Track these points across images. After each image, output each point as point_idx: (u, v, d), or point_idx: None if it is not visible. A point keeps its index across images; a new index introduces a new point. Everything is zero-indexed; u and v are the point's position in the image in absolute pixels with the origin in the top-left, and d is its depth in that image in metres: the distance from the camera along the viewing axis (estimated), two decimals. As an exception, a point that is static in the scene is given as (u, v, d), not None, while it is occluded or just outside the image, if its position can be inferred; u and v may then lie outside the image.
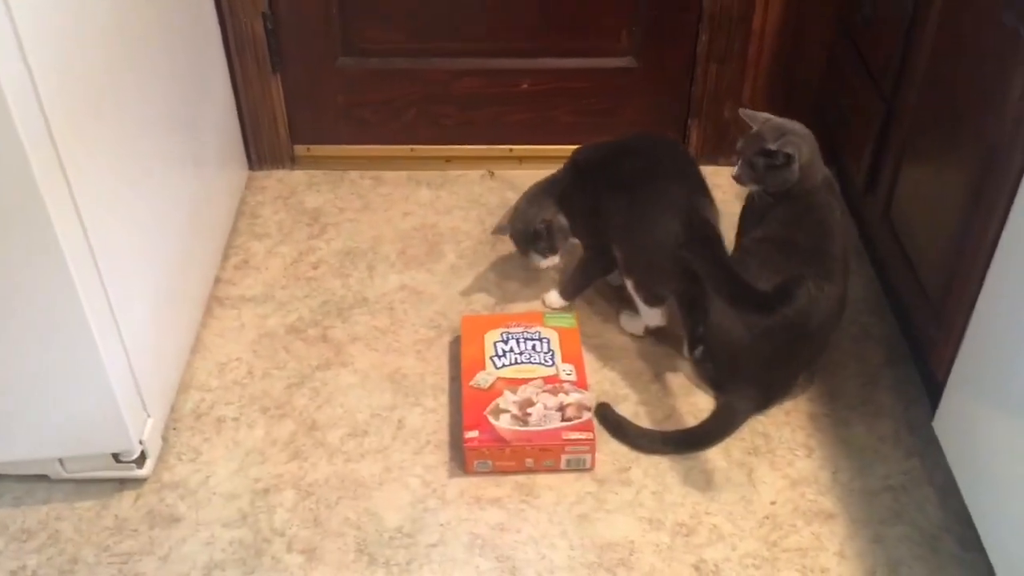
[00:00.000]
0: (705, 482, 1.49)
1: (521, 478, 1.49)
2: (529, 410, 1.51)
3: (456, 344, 1.71)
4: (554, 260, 1.74)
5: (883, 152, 1.70)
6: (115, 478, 1.48)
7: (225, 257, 1.90)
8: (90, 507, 1.46)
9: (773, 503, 1.46)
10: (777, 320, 1.47)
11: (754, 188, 1.58)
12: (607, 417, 1.57)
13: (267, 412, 1.61)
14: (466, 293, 1.83)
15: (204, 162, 1.82)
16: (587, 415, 1.51)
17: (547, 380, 1.56)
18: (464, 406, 1.53)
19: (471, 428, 1.49)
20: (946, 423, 1.40)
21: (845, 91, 1.89)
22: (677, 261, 1.56)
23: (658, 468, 1.52)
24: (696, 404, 1.62)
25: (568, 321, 1.68)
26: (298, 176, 2.12)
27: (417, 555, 1.39)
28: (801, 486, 1.49)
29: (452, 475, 1.50)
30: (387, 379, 1.66)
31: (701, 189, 1.64)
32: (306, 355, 1.71)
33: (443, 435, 1.56)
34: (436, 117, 2.10)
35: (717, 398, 1.61)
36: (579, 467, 1.50)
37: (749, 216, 1.66)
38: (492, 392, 1.54)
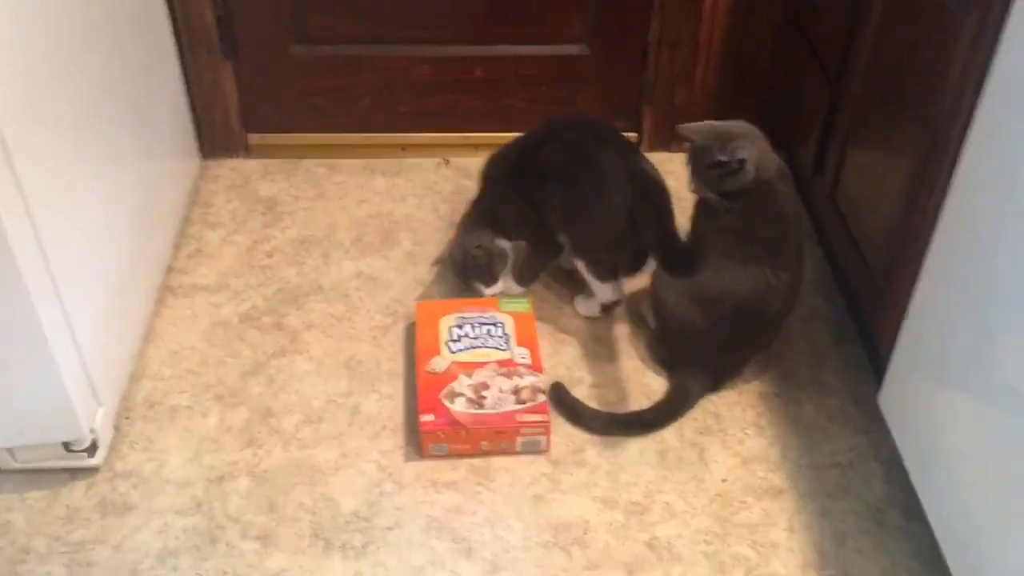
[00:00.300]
0: (658, 461, 1.52)
1: (476, 461, 1.50)
2: (484, 393, 1.52)
3: (412, 330, 1.71)
4: (497, 288, 1.73)
5: (829, 136, 1.73)
6: (66, 468, 1.46)
7: (178, 247, 1.89)
8: (41, 497, 1.44)
9: (724, 481, 1.49)
10: (725, 304, 1.51)
11: (711, 195, 1.57)
12: (561, 400, 1.59)
13: (221, 400, 1.60)
14: (422, 280, 1.83)
15: (155, 153, 1.81)
16: (542, 398, 1.53)
17: (502, 364, 1.57)
18: (419, 390, 1.54)
19: (426, 412, 1.50)
20: (890, 399, 1.43)
21: (793, 75, 1.92)
22: (622, 227, 1.58)
23: (612, 449, 1.53)
24: (649, 386, 1.64)
25: (523, 306, 1.69)
26: (252, 165, 2.11)
27: (373, 538, 1.40)
28: (751, 463, 1.51)
29: (408, 459, 1.51)
30: (342, 366, 1.67)
31: (630, 150, 1.66)
32: (260, 343, 1.70)
33: (399, 420, 1.57)
34: (391, 105, 2.09)
35: (670, 380, 1.63)
36: (534, 449, 1.51)
37: (707, 210, 1.65)
38: (447, 376, 1.55)
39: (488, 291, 1.73)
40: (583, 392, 1.62)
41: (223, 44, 1.97)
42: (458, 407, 1.50)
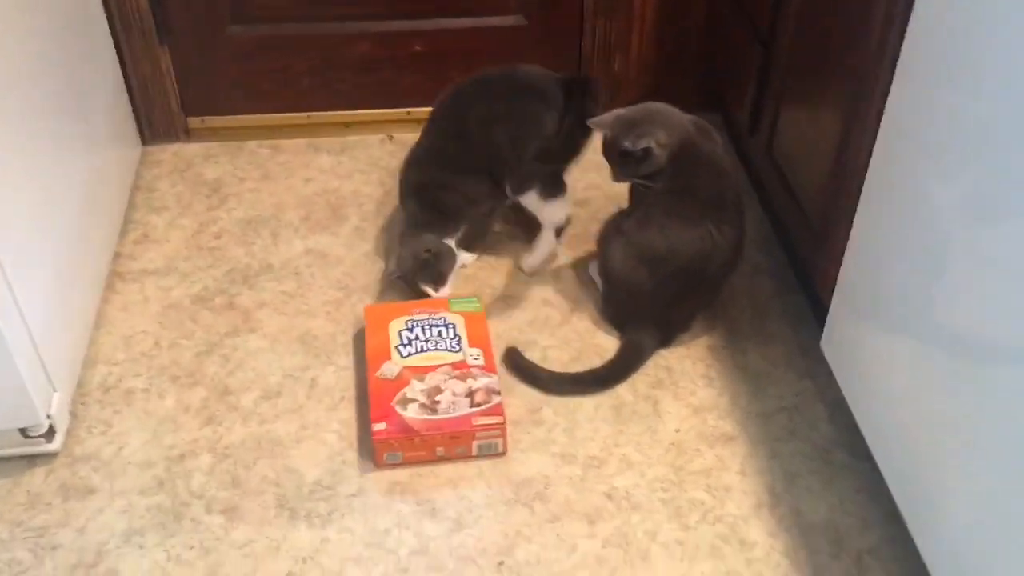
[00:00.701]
0: (613, 416, 1.56)
1: (436, 426, 1.53)
2: (437, 398, 1.48)
3: (365, 301, 1.73)
4: (446, 290, 1.71)
5: (763, 94, 1.78)
6: (24, 455, 1.46)
7: (123, 233, 1.88)
8: (0, 485, 1.44)
9: (678, 431, 1.53)
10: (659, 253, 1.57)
11: (635, 180, 1.61)
12: (517, 364, 1.62)
13: (177, 381, 1.60)
14: (372, 254, 1.85)
15: (95, 140, 1.79)
16: (496, 399, 1.49)
17: (455, 366, 1.53)
18: (371, 398, 1.49)
19: (379, 420, 1.45)
20: (832, 343, 1.49)
21: (726, 39, 1.97)
22: (556, 126, 1.66)
23: (568, 407, 1.57)
24: (601, 346, 1.68)
25: (473, 305, 1.65)
26: (194, 149, 2.10)
27: (338, 506, 1.42)
28: (703, 413, 1.56)
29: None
30: (297, 341, 1.68)
31: (548, 74, 1.73)
32: (213, 323, 1.71)
33: (356, 390, 1.58)
34: (331, 82, 2.10)
35: (621, 338, 1.67)
36: (491, 452, 1.48)
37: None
38: (399, 382, 1.50)
39: (437, 294, 1.70)
40: (536, 354, 1.65)
41: (158, 28, 1.95)
42: (411, 413, 1.46)
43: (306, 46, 2.05)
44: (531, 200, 1.73)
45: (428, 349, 1.56)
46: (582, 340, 1.69)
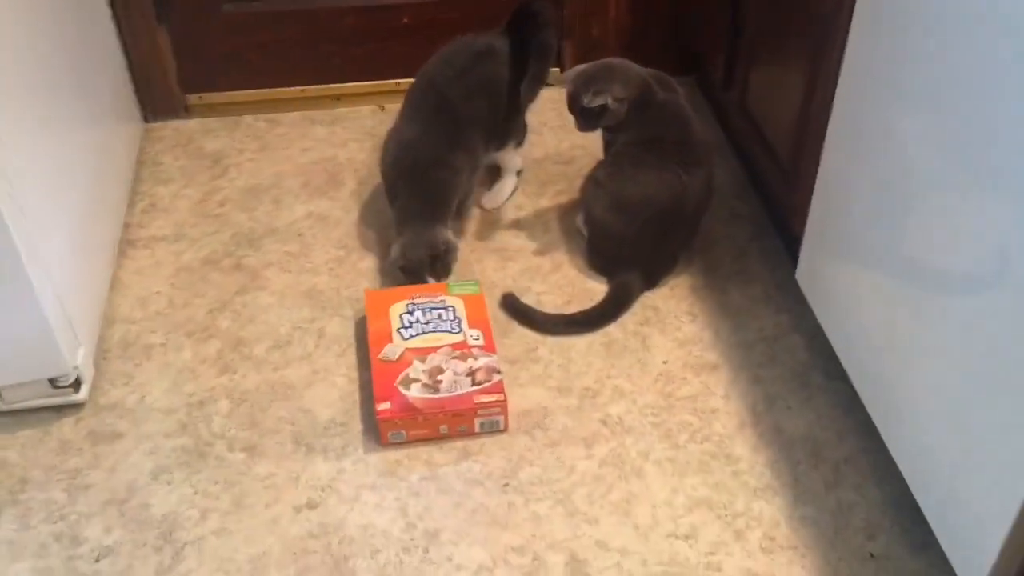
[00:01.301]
0: (605, 352, 1.66)
1: (439, 366, 1.63)
2: (439, 377, 1.52)
3: (366, 261, 1.82)
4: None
5: (735, 51, 1.89)
6: (53, 405, 1.55)
7: (131, 204, 1.97)
8: (32, 434, 1.53)
9: (665, 362, 1.64)
10: (653, 207, 1.66)
11: (600, 132, 1.73)
12: (514, 307, 1.72)
13: (192, 336, 1.70)
14: (370, 215, 1.94)
15: (100, 117, 1.88)
16: (497, 377, 1.52)
17: (455, 347, 1.56)
18: (374, 379, 1.53)
19: (382, 400, 1.49)
20: (806, 273, 1.60)
21: (699, 0, 2.07)
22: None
23: (562, 345, 1.67)
24: (591, 290, 1.78)
25: (472, 288, 1.68)
26: (193, 124, 2.19)
27: (351, 440, 1.52)
28: (688, 345, 1.67)
29: (375, 371, 1.63)
30: (304, 296, 1.77)
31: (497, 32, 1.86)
32: (223, 283, 1.80)
33: (362, 338, 1.68)
34: (323, 56, 2.19)
35: (609, 282, 1.78)
36: (493, 429, 1.51)
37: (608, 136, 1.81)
38: (401, 363, 1.54)
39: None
40: (531, 300, 1.75)
41: (156, 6, 2.04)
42: (414, 393, 1.49)
43: (297, 21, 2.13)
44: (507, 152, 1.88)
45: (429, 331, 1.59)
46: (573, 286, 1.79)
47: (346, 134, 2.16)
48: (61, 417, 1.55)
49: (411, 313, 1.62)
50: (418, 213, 1.75)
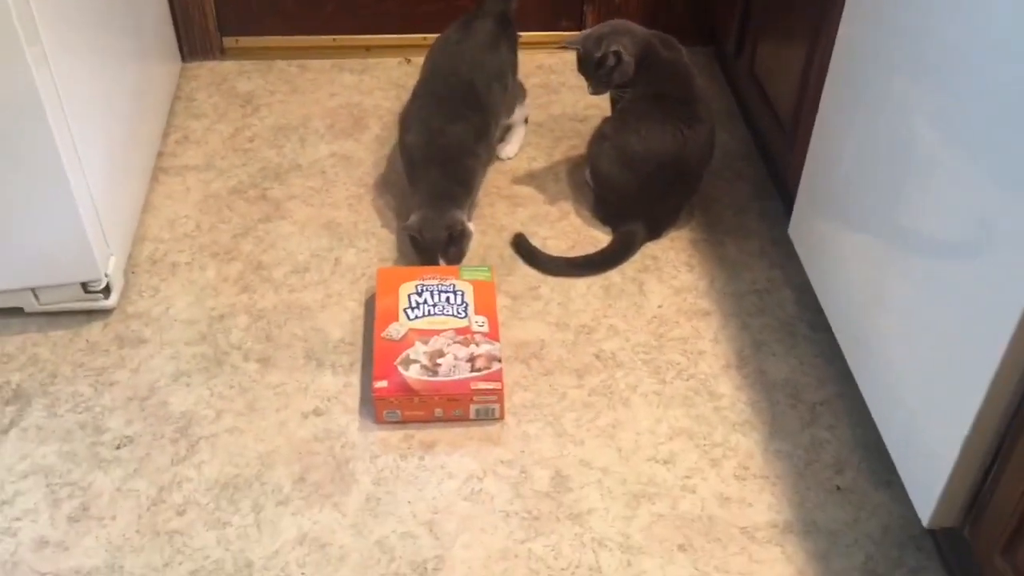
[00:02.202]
0: (603, 294, 1.75)
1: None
2: (439, 360, 1.52)
3: (385, 198, 1.92)
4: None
5: (746, 23, 1.97)
6: (84, 309, 1.66)
7: (166, 135, 2.08)
8: (63, 335, 1.64)
9: (660, 307, 1.73)
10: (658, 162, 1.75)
11: (611, 91, 1.81)
12: (522, 246, 1.82)
13: (216, 257, 1.80)
14: (391, 157, 2.04)
15: (144, 53, 2.00)
16: (497, 366, 1.52)
17: (459, 332, 1.56)
18: (375, 357, 1.54)
19: (380, 378, 1.50)
20: (798, 228, 1.68)
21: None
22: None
23: (562, 286, 1.77)
24: (596, 237, 1.87)
25: (484, 274, 1.68)
26: (228, 66, 2.29)
27: (359, 358, 1.62)
28: (683, 293, 1.75)
29: (385, 298, 1.72)
30: (323, 227, 1.87)
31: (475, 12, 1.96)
32: (248, 211, 1.90)
33: (375, 269, 1.78)
34: (354, 8, 2.29)
35: (614, 231, 1.86)
36: (488, 417, 1.52)
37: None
38: (404, 343, 1.55)
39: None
40: (538, 243, 1.84)
41: (199, -50, 2.14)
42: (412, 374, 1.50)
43: (333, -28, 2.23)
44: (520, 112, 2.01)
45: (435, 313, 1.60)
46: (578, 233, 1.88)
47: (372, 83, 2.26)
48: (91, 321, 1.66)
49: (420, 294, 1.63)
50: (441, 194, 1.76)
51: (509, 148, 2.05)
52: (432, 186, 1.77)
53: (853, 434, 1.51)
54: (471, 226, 1.80)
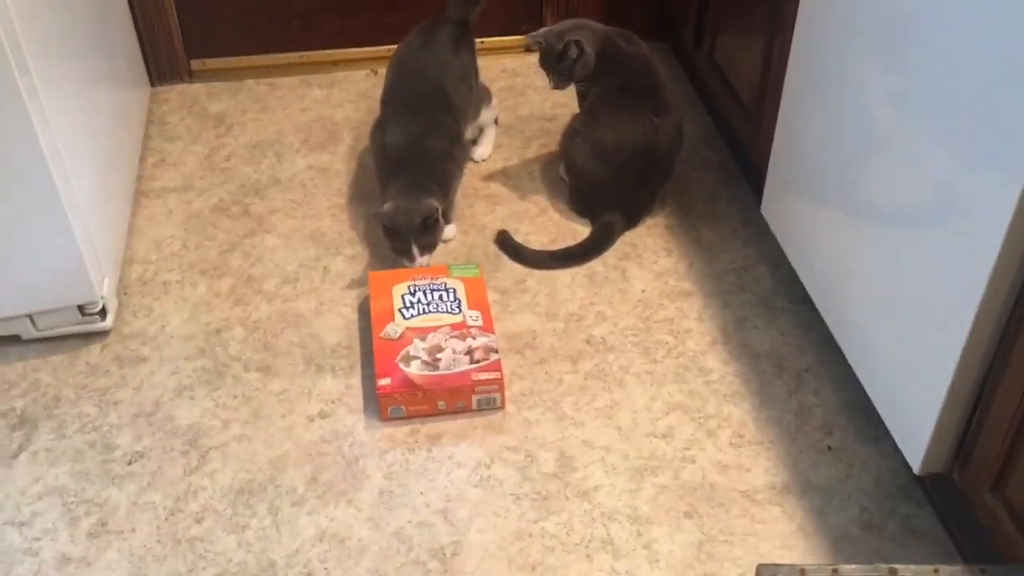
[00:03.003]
0: (588, 283, 1.81)
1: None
2: (438, 355, 1.57)
3: (366, 206, 1.97)
4: (423, 261, 1.75)
5: (704, 11, 2.05)
6: (80, 333, 1.68)
7: (143, 159, 2.10)
8: (62, 358, 1.66)
9: (643, 291, 1.79)
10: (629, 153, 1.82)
11: (573, 85, 1.87)
12: (506, 242, 1.87)
13: (206, 273, 1.83)
14: (368, 167, 2.08)
15: (117, 80, 2.03)
16: (495, 356, 1.57)
17: (455, 327, 1.61)
18: (375, 357, 1.58)
19: (383, 376, 1.54)
20: (770, 205, 1.75)
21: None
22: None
23: (548, 278, 1.82)
24: (574, 230, 1.93)
25: (473, 272, 1.72)
26: (197, 88, 2.32)
27: (357, 361, 1.66)
28: (664, 276, 1.82)
29: (377, 302, 1.76)
30: (308, 238, 1.91)
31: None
32: (232, 227, 1.93)
33: (365, 274, 1.82)
34: (319, 24, 2.33)
35: (593, 223, 1.93)
36: (490, 406, 1.56)
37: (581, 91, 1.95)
38: (402, 341, 1.59)
39: (419, 261, 1.74)
40: (519, 239, 1.89)
41: (163, -27, 2.17)
42: (414, 369, 1.54)
43: (296, -10, 2.28)
44: (488, 114, 2.07)
45: (430, 311, 1.64)
46: (557, 227, 1.94)
47: (342, 96, 2.30)
48: (88, 344, 1.68)
49: (413, 294, 1.67)
50: (416, 186, 1.77)
51: (482, 150, 2.10)
52: (408, 179, 1.77)
53: (838, 397, 1.58)
54: (452, 227, 1.86)
